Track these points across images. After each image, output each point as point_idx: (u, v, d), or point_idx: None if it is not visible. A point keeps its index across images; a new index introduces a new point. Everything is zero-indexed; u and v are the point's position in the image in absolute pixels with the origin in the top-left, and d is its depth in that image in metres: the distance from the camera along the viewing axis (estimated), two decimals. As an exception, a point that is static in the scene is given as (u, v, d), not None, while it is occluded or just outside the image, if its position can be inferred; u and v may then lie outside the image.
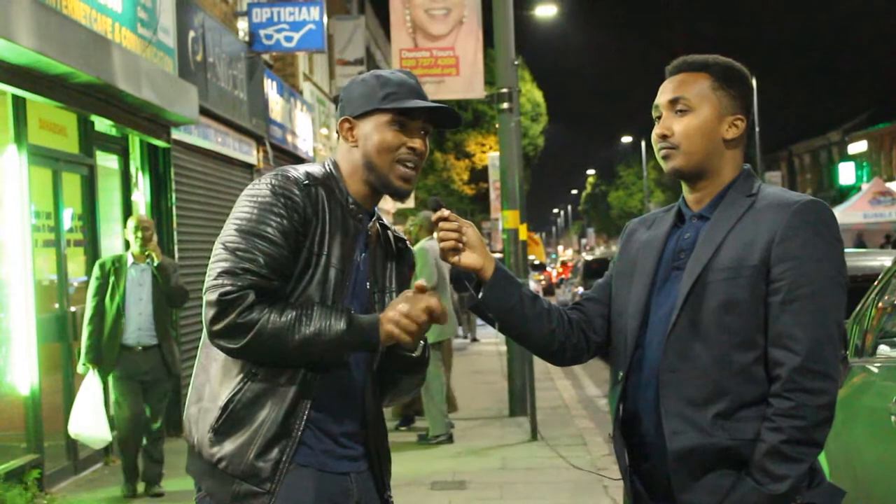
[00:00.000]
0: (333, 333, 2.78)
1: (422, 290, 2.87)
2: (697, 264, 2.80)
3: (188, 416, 2.95)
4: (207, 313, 2.79)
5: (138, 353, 8.42)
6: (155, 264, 8.46)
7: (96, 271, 8.50)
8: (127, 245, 8.79)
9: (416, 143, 2.98)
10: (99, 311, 8.38)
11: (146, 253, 8.47)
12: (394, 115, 2.96)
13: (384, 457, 3.10)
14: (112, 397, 8.48)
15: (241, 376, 2.85)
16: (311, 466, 2.88)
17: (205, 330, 2.83)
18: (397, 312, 2.84)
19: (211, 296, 2.78)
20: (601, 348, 3.11)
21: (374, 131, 2.96)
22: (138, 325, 8.41)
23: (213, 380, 2.91)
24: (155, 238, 8.61)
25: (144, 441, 8.52)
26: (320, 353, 2.81)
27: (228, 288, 2.77)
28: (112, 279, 8.40)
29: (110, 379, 8.39)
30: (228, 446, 2.84)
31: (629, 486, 2.93)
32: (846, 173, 55.48)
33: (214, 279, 2.80)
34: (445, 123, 3.07)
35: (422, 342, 3.03)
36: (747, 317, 2.73)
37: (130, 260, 8.51)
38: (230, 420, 2.84)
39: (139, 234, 8.46)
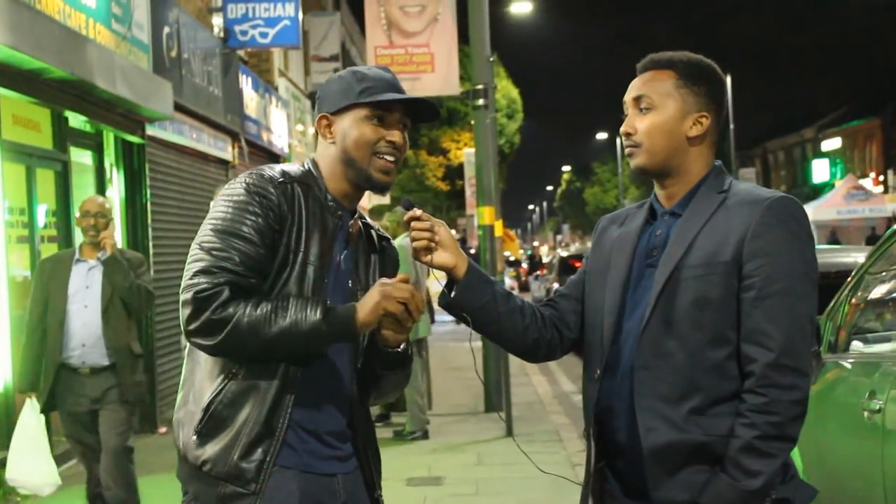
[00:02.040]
0: (309, 324, 2.76)
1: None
2: (670, 261, 2.80)
3: (176, 421, 2.95)
4: (183, 312, 2.78)
5: (85, 376, 6.51)
6: (104, 258, 6.58)
7: (37, 273, 6.75)
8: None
9: (395, 136, 2.96)
10: (33, 323, 6.56)
11: (100, 245, 6.61)
12: (371, 110, 2.94)
13: (373, 455, 3.09)
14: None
15: (221, 377, 2.85)
16: (295, 468, 2.87)
17: (182, 331, 2.82)
18: (390, 286, 2.81)
19: (186, 295, 2.78)
20: (575, 344, 3.12)
21: (352, 126, 2.95)
22: (82, 341, 6.49)
23: (197, 383, 2.90)
24: (112, 227, 6.71)
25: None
26: (298, 346, 2.79)
27: (204, 286, 2.76)
28: (54, 282, 6.56)
29: (57, 412, 6.63)
30: (212, 448, 2.83)
31: (597, 486, 2.94)
32: (820, 170, 55.77)
33: (190, 279, 2.79)
34: (424, 117, 3.07)
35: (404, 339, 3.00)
36: (720, 313, 2.74)
37: (76, 255, 6.68)
38: (213, 421, 2.84)
39: (90, 222, 6.58)
